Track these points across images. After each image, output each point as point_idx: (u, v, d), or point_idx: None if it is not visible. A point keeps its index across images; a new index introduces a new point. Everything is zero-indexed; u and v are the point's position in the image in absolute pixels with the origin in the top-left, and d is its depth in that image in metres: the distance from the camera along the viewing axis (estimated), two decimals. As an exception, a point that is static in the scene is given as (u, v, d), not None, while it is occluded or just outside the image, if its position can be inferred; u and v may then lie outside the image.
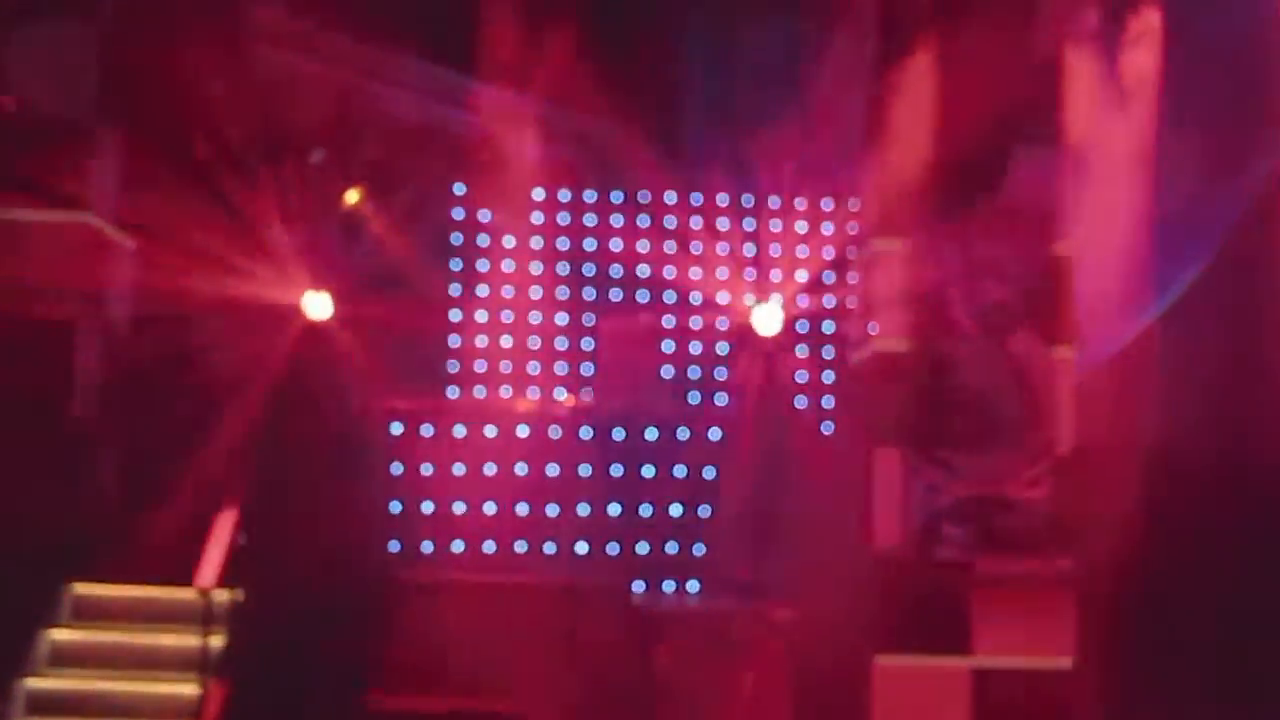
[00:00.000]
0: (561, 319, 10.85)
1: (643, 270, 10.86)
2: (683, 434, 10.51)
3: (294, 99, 9.76)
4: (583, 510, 10.31)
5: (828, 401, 10.69)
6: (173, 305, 9.51)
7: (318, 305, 10.07)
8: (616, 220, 10.93)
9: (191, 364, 9.54)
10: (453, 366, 10.80)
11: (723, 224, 10.81)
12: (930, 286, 8.57)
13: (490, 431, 10.37)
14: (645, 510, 10.37)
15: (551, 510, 10.30)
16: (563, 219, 10.92)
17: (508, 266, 10.83)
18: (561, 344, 10.83)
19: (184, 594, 8.76)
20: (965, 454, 8.45)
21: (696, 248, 10.78)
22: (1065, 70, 8.76)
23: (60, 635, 8.82)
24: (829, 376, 10.72)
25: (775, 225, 10.90)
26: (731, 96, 10.54)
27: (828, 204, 10.91)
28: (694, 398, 10.81)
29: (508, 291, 10.82)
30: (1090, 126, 8.92)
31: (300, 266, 9.98)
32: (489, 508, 10.25)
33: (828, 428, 10.57)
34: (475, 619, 8.98)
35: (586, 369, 10.85)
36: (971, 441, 8.45)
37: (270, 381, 9.69)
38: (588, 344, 10.83)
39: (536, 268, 10.85)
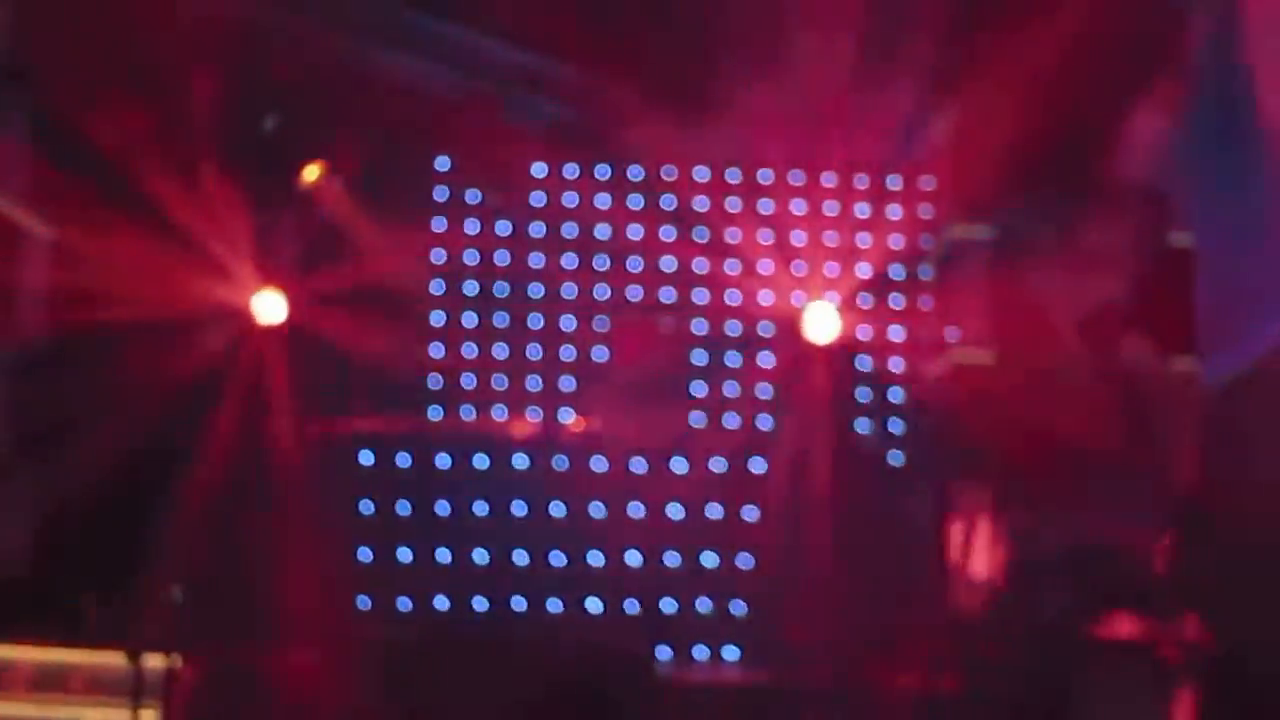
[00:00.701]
0: (568, 323, 10.77)
1: (667, 263, 10.77)
2: (717, 465, 10.44)
3: (244, 55, 9.73)
4: (594, 559, 10.26)
5: (895, 426, 10.58)
6: (98, 309, 9.46)
7: (270, 307, 10.04)
8: (635, 202, 10.84)
9: (120, 381, 9.40)
10: (435, 381, 10.73)
11: (765, 206, 10.72)
12: (1021, 284, 8.69)
13: (481, 461, 10.38)
14: (672, 559, 10.30)
15: (556, 559, 10.27)
16: (569, 200, 10.84)
17: (502, 259, 10.77)
18: (568, 354, 10.75)
19: (109, 659, 8.82)
20: (1067, 492, 8.48)
21: (733, 236, 10.64)
22: (1189, 18, 8.86)
23: (-41, 709, 8.92)
24: (897, 395, 10.60)
25: (830, 208, 10.78)
26: (778, 46, 10.45)
27: (895, 181, 10.79)
28: (731, 420, 10.64)
29: (502, 289, 10.76)
30: (1218, 88, 8.93)
31: (249, 260, 9.95)
32: (479, 555, 10.25)
33: (896, 458, 10.50)
34: (460, 688, 8.97)
35: (598, 385, 10.73)
36: (1074, 477, 8.46)
37: (214, 400, 9.65)
38: (600, 354, 10.74)
39: (537, 260, 10.78)
